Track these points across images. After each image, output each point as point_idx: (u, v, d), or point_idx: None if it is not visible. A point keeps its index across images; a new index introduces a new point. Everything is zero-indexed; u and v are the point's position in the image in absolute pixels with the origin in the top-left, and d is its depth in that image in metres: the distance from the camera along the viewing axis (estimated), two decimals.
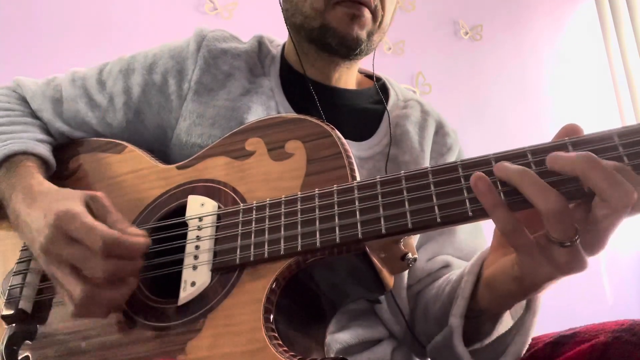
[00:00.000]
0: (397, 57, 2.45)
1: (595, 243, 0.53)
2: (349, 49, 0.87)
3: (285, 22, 0.93)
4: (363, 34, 0.86)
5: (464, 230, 0.91)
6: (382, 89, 0.99)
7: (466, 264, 0.75)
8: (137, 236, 0.63)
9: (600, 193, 0.50)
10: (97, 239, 0.59)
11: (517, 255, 0.57)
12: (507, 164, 0.55)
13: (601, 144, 0.53)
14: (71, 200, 0.65)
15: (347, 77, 0.96)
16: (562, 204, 0.51)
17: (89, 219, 0.62)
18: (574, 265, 0.53)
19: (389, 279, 0.66)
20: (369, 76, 1.03)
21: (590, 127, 0.55)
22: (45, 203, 0.66)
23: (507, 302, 0.66)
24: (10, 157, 0.77)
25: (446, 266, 0.87)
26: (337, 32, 0.85)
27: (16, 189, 0.72)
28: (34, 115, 0.89)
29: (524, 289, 0.60)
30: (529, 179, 0.52)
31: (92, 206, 0.65)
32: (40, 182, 0.73)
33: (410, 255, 0.65)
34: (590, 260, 0.54)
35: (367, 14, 0.85)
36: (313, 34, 0.87)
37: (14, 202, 0.71)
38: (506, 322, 0.71)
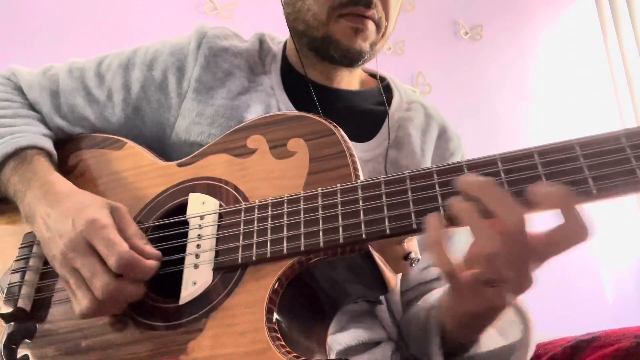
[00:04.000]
0: (397, 57, 2.44)
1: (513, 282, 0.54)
2: (352, 61, 0.86)
3: (287, 24, 0.91)
4: (366, 46, 0.84)
5: (460, 241, 0.89)
6: (386, 90, 0.98)
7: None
8: (150, 257, 0.63)
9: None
10: (114, 255, 0.60)
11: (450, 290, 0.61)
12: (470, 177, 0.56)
13: (608, 145, 0.53)
14: (98, 209, 0.65)
15: (350, 79, 0.95)
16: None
17: (114, 234, 0.62)
18: (498, 301, 0.57)
19: (392, 278, 0.65)
20: (374, 75, 1.02)
21: (590, 127, 0.55)
22: (72, 207, 0.66)
23: (462, 332, 0.68)
24: (20, 151, 0.76)
25: (439, 279, 0.86)
26: (340, 44, 0.83)
27: (32, 185, 0.72)
28: (31, 107, 0.88)
29: (464, 320, 0.64)
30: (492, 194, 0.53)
31: (114, 215, 0.66)
32: (62, 182, 0.73)
33: (413, 255, 0.64)
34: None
35: (371, 26, 0.83)
36: (315, 43, 0.86)
37: (29, 197, 0.71)
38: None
